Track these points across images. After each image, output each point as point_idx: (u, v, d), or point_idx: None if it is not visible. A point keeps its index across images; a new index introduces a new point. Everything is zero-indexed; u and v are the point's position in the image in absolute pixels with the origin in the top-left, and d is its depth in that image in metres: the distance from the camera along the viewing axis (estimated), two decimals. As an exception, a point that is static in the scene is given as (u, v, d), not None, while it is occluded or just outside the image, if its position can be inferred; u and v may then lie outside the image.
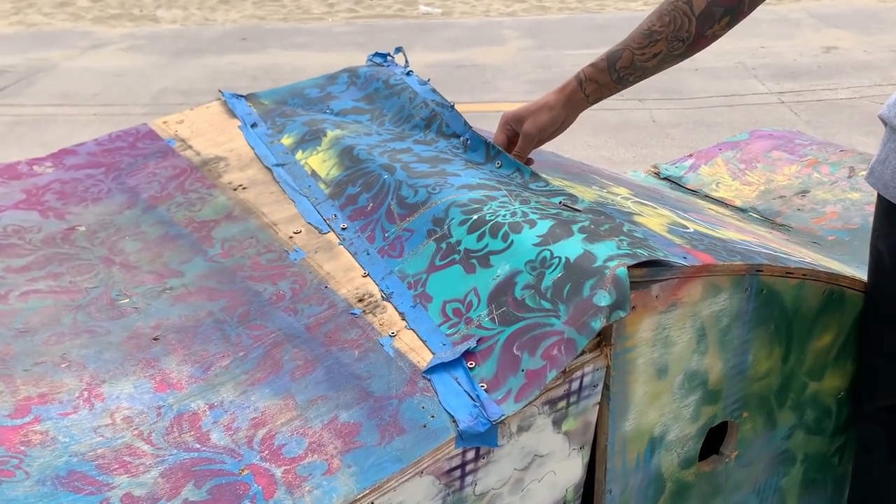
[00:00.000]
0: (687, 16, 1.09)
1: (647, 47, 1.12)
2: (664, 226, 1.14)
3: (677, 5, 1.10)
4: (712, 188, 2.07)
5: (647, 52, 1.12)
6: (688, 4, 1.09)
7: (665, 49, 1.12)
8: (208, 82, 5.30)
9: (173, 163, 1.36)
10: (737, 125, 3.97)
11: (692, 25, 1.09)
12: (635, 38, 1.13)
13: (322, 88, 1.59)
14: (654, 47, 1.12)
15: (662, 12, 1.11)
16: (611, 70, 1.15)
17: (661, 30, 1.11)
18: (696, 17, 1.09)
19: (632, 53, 1.13)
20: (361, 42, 6.05)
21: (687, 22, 1.09)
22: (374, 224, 1.12)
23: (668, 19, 1.10)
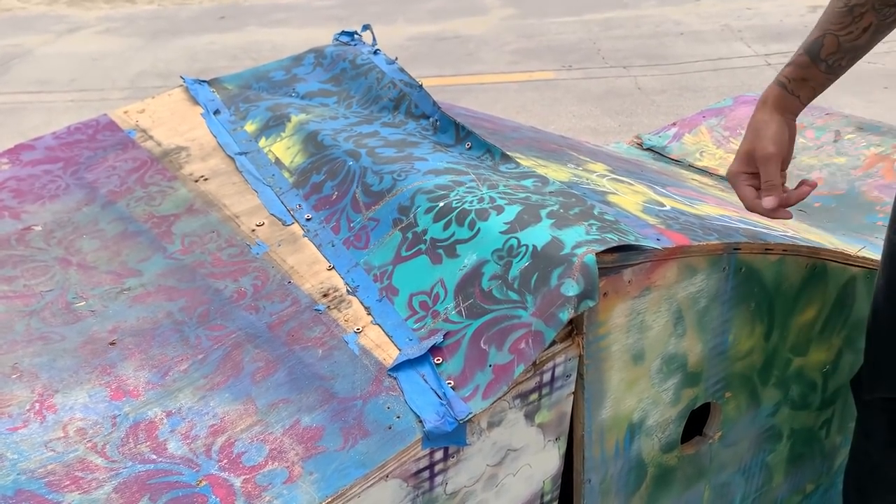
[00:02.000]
0: None
1: (851, 25, 0.99)
2: (639, 204, 1.10)
3: None
4: (696, 157, 2.03)
5: (853, 30, 0.99)
6: None
7: (875, 19, 0.98)
8: (187, 63, 5.20)
9: (133, 155, 1.31)
10: (723, 90, 3.92)
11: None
12: (832, 19, 1.00)
13: (287, 71, 1.54)
14: (860, 22, 0.98)
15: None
16: (816, 62, 1.02)
17: (864, 2, 0.97)
18: None
19: (835, 37, 1.00)
20: (342, 16, 5.95)
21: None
22: (339, 214, 1.08)
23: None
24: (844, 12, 0.99)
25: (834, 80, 1.05)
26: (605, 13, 5.25)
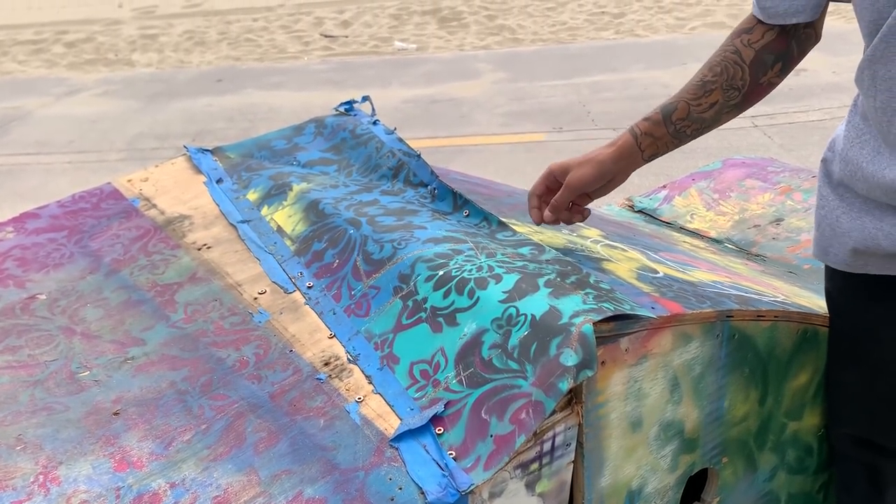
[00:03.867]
0: (738, 65, 1.07)
1: (702, 97, 1.08)
2: (633, 272, 1.13)
3: (726, 56, 1.08)
4: (687, 220, 2.07)
5: (702, 103, 1.09)
6: (737, 54, 1.07)
7: (721, 98, 1.08)
8: (184, 125, 5.29)
9: (137, 223, 1.34)
10: (711, 150, 4.00)
11: (745, 74, 1.07)
12: (689, 89, 1.10)
13: (289, 140, 1.58)
14: (709, 97, 1.08)
15: (713, 63, 1.09)
16: (667, 123, 1.11)
17: (715, 80, 1.08)
18: (747, 65, 1.07)
19: (687, 105, 1.09)
20: (338, 80, 6.08)
21: (740, 71, 1.07)
22: (340, 281, 1.10)
23: (720, 69, 1.08)
24: (699, 85, 1.09)
25: (677, 146, 1.15)
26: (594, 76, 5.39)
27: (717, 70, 1.07)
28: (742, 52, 1.07)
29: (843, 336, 1.12)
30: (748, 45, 1.07)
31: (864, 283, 1.04)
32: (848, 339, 1.11)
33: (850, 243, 1.02)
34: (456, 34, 7.55)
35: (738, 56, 1.07)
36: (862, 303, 1.07)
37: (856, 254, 1.02)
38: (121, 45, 8.02)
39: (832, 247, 1.05)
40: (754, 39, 1.07)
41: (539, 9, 8.21)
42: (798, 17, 1.03)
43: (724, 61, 1.07)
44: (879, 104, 0.92)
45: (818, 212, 1.10)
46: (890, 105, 0.91)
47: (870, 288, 1.04)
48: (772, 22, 1.05)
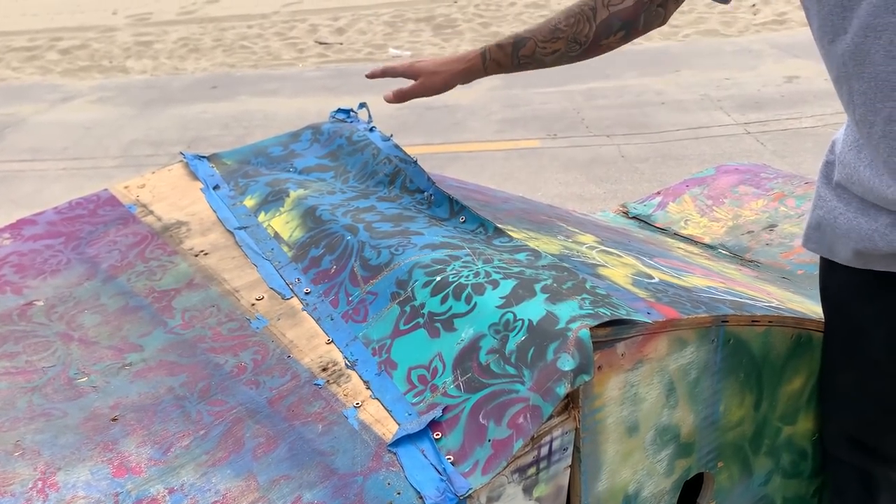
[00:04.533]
0: (589, 21, 1.19)
1: (549, 42, 1.21)
2: (628, 277, 1.14)
3: (583, 10, 1.20)
4: (681, 226, 2.08)
5: (547, 47, 1.22)
6: (592, 11, 1.19)
7: (563, 48, 1.21)
8: (179, 132, 5.29)
9: (134, 230, 1.34)
10: (705, 157, 4.02)
11: (591, 31, 1.19)
12: (542, 30, 1.22)
13: (285, 146, 1.58)
14: (554, 44, 1.21)
15: (570, 12, 1.20)
16: (514, 55, 1.24)
17: (565, 29, 1.20)
18: (595, 24, 1.18)
19: (535, 44, 1.22)
20: (332, 86, 6.08)
21: (587, 27, 1.19)
22: (337, 287, 1.11)
23: (574, 20, 1.20)
24: (551, 30, 1.21)
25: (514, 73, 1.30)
26: (588, 83, 5.41)
27: (571, 21, 1.19)
28: (598, 10, 1.18)
29: (837, 335, 1.13)
30: (605, 5, 1.17)
31: (863, 279, 1.05)
32: (842, 337, 1.12)
33: (850, 244, 1.03)
34: (450, 41, 7.57)
35: (592, 13, 1.18)
36: (857, 300, 1.08)
37: (857, 254, 1.03)
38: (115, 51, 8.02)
39: (836, 245, 1.07)
40: (614, 2, 1.17)
41: (533, 16, 8.24)
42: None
43: (580, 14, 1.19)
44: (859, 117, 0.94)
45: (816, 212, 1.11)
46: (866, 118, 0.93)
47: (866, 285, 1.06)
48: None
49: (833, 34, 0.92)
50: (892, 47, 0.87)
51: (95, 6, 10.40)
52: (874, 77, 0.89)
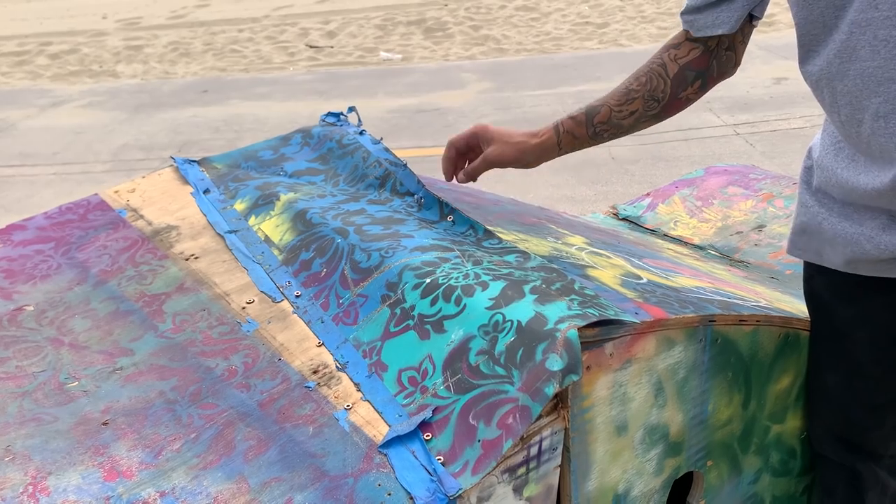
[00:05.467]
0: (662, 77, 1.14)
1: (624, 105, 1.16)
2: (617, 278, 1.14)
3: (653, 68, 1.15)
4: (670, 227, 2.10)
5: (624, 110, 1.16)
6: (662, 67, 1.15)
7: (641, 108, 1.16)
8: (170, 136, 5.28)
9: (124, 234, 1.34)
10: (695, 159, 4.04)
11: (667, 87, 1.15)
12: (615, 95, 1.17)
13: (275, 150, 1.59)
14: (630, 105, 1.16)
15: (640, 73, 1.16)
16: (588, 124, 1.19)
17: (638, 89, 1.15)
18: (670, 79, 1.14)
19: (610, 110, 1.17)
20: (323, 90, 6.09)
21: (662, 83, 1.14)
22: (328, 290, 1.11)
23: (645, 79, 1.15)
24: (623, 93, 1.16)
25: (592, 146, 1.24)
26: (579, 86, 5.44)
27: (643, 80, 1.15)
28: (668, 65, 1.14)
29: (821, 336, 1.14)
30: (674, 59, 1.14)
31: (845, 282, 1.06)
32: (826, 339, 1.13)
33: (838, 248, 1.04)
34: (441, 44, 7.59)
35: (663, 69, 1.14)
36: (840, 303, 1.09)
37: (847, 262, 1.04)
38: (105, 56, 8.01)
39: (824, 249, 1.08)
40: (680, 55, 1.14)
41: (523, 19, 8.27)
42: (721, 29, 1.09)
43: (650, 73, 1.15)
44: (844, 118, 0.95)
45: (800, 218, 1.12)
46: (854, 117, 0.93)
47: (848, 288, 1.07)
48: (698, 34, 1.11)
49: (816, 33, 0.93)
50: (876, 42, 0.87)
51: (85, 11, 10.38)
52: (860, 73, 0.90)
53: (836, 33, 0.91)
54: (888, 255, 0.98)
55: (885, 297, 1.04)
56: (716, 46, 1.13)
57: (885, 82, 0.88)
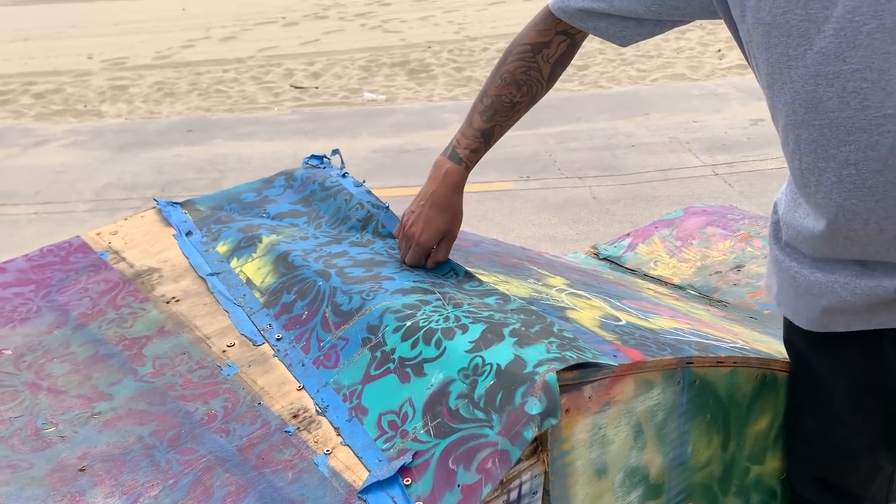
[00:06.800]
0: (539, 82, 1.22)
1: (512, 117, 1.24)
2: (596, 320, 1.16)
3: (531, 75, 1.21)
4: (650, 267, 2.12)
5: (512, 120, 1.24)
6: (538, 72, 1.21)
7: (524, 110, 1.25)
8: (153, 176, 5.28)
9: (105, 277, 1.34)
10: (674, 199, 4.10)
11: (544, 88, 1.23)
12: (500, 111, 1.23)
13: (258, 192, 1.60)
14: (517, 115, 1.24)
15: (520, 82, 1.21)
16: (486, 146, 1.25)
17: (522, 99, 1.22)
18: (545, 80, 1.22)
19: (502, 127, 1.24)
20: (308, 130, 6.13)
21: (540, 87, 1.22)
22: (309, 333, 1.11)
23: (526, 88, 1.22)
24: (509, 106, 1.22)
25: None
26: (560, 127, 5.51)
27: (524, 90, 1.21)
28: (542, 68, 1.20)
29: (799, 383, 1.15)
30: (547, 60, 1.20)
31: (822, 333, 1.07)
32: (804, 386, 1.14)
33: (815, 301, 1.04)
34: (424, 85, 7.68)
35: (539, 74, 1.21)
36: (817, 354, 1.10)
37: (824, 313, 1.04)
38: (90, 95, 8.03)
39: (798, 306, 1.08)
40: (551, 54, 1.20)
41: (506, 61, 8.40)
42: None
43: (530, 80, 1.21)
44: (806, 165, 0.95)
45: (775, 274, 1.12)
46: (816, 165, 0.93)
47: (825, 338, 1.07)
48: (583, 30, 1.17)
49: (782, 83, 0.95)
50: (845, 94, 0.88)
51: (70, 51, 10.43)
52: (828, 124, 0.90)
53: (800, 84, 0.92)
54: (865, 301, 0.98)
55: (860, 346, 1.04)
56: (581, 38, 1.21)
57: (855, 132, 0.89)
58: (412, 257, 1.25)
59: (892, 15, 0.83)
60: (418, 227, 1.25)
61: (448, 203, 1.25)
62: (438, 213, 1.24)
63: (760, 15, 0.93)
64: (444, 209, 1.25)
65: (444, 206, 1.25)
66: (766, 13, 0.92)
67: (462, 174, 1.25)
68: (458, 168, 1.24)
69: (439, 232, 1.25)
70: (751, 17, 0.95)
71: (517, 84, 1.21)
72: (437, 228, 1.25)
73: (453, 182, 1.24)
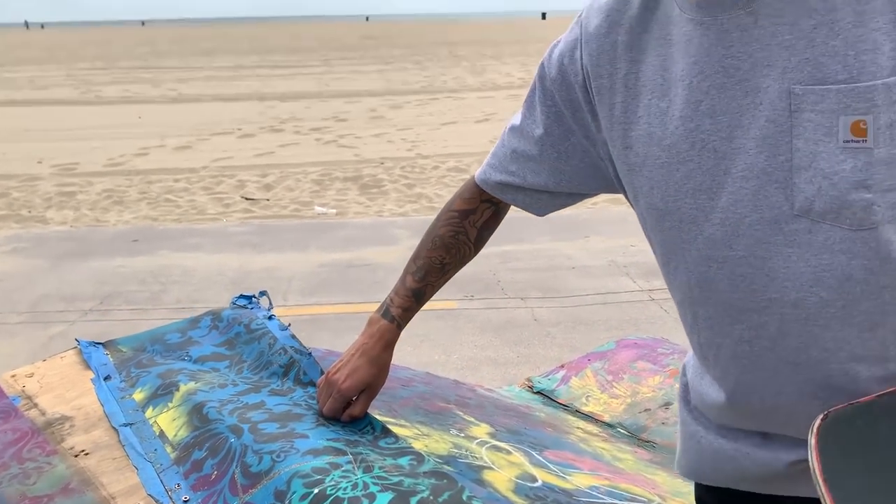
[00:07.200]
0: (467, 245, 1.28)
1: (442, 278, 1.29)
2: (512, 481, 1.16)
3: (459, 239, 1.27)
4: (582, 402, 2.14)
5: (442, 281, 1.30)
6: (465, 235, 1.27)
7: (453, 271, 1.30)
8: (94, 287, 5.19)
9: (14, 425, 1.30)
10: (612, 323, 4.18)
11: (472, 251, 1.29)
12: (431, 272, 1.28)
13: (183, 333, 1.59)
14: (447, 276, 1.30)
15: (448, 245, 1.27)
16: (419, 303, 1.29)
17: (451, 261, 1.28)
18: (473, 243, 1.28)
19: (432, 287, 1.29)
20: (255, 242, 6.15)
21: (468, 249, 1.28)
22: (216, 496, 1.09)
23: (455, 251, 1.28)
24: (439, 268, 1.28)
25: None
26: (504, 246, 5.64)
27: (453, 252, 1.27)
28: (469, 232, 1.28)
29: None
30: (474, 225, 1.28)
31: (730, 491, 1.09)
32: None
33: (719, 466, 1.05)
34: (376, 200, 7.83)
35: (467, 237, 1.28)
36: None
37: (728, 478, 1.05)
38: (36, 201, 7.97)
39: (704, 467, 1.09)
40: (478, 219, 1.28)
41: (455, 179, 8.66)
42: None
43: (458, 244, 1.27)
44: (703, 340, 1.00)
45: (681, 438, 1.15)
46: (713, 341, 0.98)
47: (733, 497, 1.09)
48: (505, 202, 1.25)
49: (676, 263, 1.00)
50: (734, 277, 0.93)
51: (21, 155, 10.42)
52: (721, 303, 0.95)
53: (693, 265, 0.97)
54: (764, 471, 1.01)
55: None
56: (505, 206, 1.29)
57: (746, 312, 0.93)
58: (331, 406, 1.26)
59: (769, 209, 0.90)
60: (343, 374, 1.26)
61: (377, 358, 1.27)
62: (365, 365, 1.27)
63: (653, 201, 0.99)
64: (371, 362, 1.27)
65: (372, 360, 1.27)
66: (658, 199, 0.98)
67: (394, 332, 1.28)
68: (390, 326, 1.28)
69: (363, 383, 1.26)
70: (643, 202, 1.01)
71: (446, 247, 1.27)
72: (361, 379, 1.26)
73: (384, 339, 1.27)
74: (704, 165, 0.94)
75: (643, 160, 1.00)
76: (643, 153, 1.00)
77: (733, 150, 0.91)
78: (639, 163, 1.01)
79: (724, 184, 0.92)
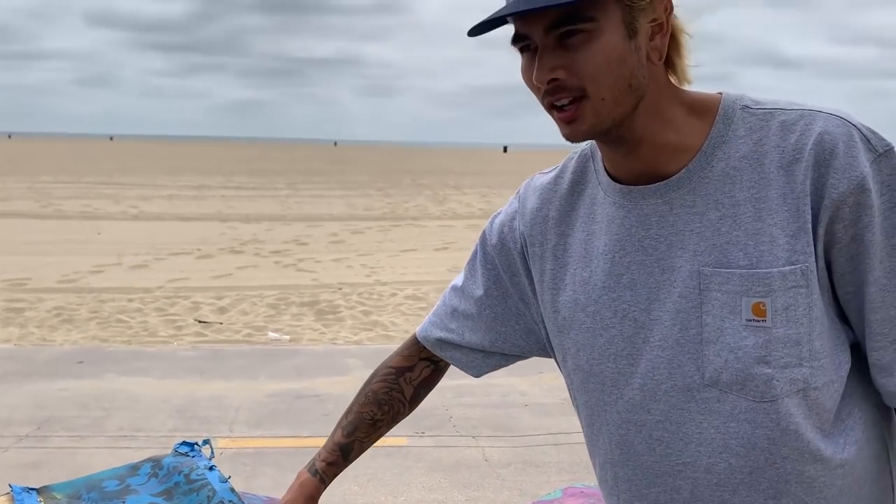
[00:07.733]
0: (402, 402, 1.29)
1: (373, 434, 1.29)
2: None
3: (393, 395, 1.28)
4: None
5: (373, 437, 1.30)
6: (400, 392, 1.28)
7: (385, 429, 1.30)
8: (31, 411, 5.01)
9: (-69, 581, 1.25)
10: (563, 466, 4.16)
11: (406, 408, 1.30)
12: (361, 427, 1.28)
13: (122, 480, 1.56)
14: (378, 432, 1.29)
15: (381, 401, 1.28)
16: (346, 459, 1.29)
17: (383, 417, 1.28)
18: (408, 401, 1.29)
19: (361, 443, 1.29)
20: (204, 369, 6.04)
21: (402, 407, 1.29)
22: None
23: (388, 407, 1.28)
24: (370, 424, 1.29)
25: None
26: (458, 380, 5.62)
27: (386, 409, 1.28)
28: (405, 390, 1.29)
29: None
30: (410, 382, 1.29)
31: None
32: None
33: None
34: (331, 327, 7.82)
35: (401, 395, 1.29)
36: None
37: None
38: (-19, 317, 7.78)
39: None
40: (415, 377, 1.30)
41: (412, 307, 8.72)
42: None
43: (392, 401, 1.28)
44: (623, 502, 1.05)
45: None
46: (632, 503, 1.03)
47: None
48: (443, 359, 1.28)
49: (599, 424, 1.06)
50: (651, 441, 1.00)
51: (-29, 267, 10.24)
52: (639, 466, 1.01)
53: (614, 427, 1.04)
54: None
55: None
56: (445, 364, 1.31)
57: (661, 475, 0.99)
58: None
59: (682, 377, 0.98)
60: None
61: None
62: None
63: (579, 363, 1.08)
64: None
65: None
66: (584, 361, 1.07)
67: (317, 487, 1.28)
68: (313, 480, 1.28)
69: None
70: (571, 363, 1.10)
71: (379, 403, 1.29)
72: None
73: (306, 493, 1.28)
74: (625, 333, 1.03)
75: (570, 324, 1.09)
76: (570, 317, 1.09)
77: (651, 321, 1.01)
78: (566, 326, 1.10)
79: (642, 351, 1.01)
